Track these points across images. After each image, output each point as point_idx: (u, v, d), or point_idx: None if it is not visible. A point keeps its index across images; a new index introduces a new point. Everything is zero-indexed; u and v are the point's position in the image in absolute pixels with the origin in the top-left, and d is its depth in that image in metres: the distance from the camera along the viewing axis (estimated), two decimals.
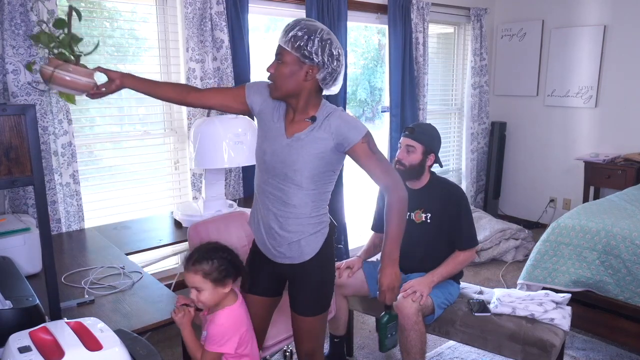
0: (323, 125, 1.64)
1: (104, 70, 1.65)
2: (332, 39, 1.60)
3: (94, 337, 1.12)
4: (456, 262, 2.33)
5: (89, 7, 2.79)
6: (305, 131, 1.65)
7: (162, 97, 1.79)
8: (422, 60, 4.16)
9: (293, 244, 1.72)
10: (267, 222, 1.73)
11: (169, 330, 2.92)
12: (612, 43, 4.24)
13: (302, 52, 1.56)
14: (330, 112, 1.67)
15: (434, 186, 2.38)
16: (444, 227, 2.34)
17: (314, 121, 1.65)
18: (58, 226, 2.62)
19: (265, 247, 1.78)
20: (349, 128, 1.64)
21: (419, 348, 2.17)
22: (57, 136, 2.54)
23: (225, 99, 1.77)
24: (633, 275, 2.50)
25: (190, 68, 2.92)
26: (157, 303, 1.80)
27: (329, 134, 1.63)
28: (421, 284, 2.23)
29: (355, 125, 1.65)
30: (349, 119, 1.67)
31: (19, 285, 1.43)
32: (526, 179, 5.04)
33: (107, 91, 1.66)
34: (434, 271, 2.30)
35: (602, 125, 4.41)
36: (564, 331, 2.19)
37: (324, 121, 1.65)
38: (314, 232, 1.73)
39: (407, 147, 2.32)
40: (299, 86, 1.62)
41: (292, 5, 3.40)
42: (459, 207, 2.32)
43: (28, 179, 1.32)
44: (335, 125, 1.63)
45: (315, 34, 1.56)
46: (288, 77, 1.60)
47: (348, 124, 1.64)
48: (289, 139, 1.66)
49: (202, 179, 2.88)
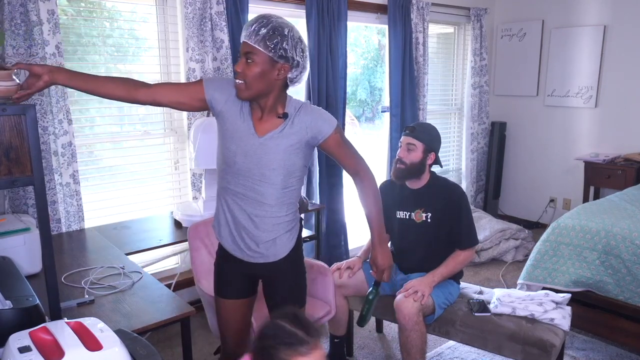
0: (295, 121, 1.62)
1: (25, 66, 1.42)
2: (301, 36, 1.57)
3: (94, 337, 1.12)
4: (457, 262, 2.33)
5: (89, 7, 2.79)
6: (277, 129, 1.61)
7: (105, 95, 1.58)
8: (422, 60, 4.16)
9: (268, 243, 1.70)
10: (238, 222, 1.69)
11: (169, 330, 2.92)
12: (612, 43, 4.24)
13: (276, 51, 1.51)
14: (300, 106, 1.64)
15: (434, 186, 2.38)
16: (444, 227, 2.34)
17: (286, 118, 1.61)
18: (58, 226, 2.62)
19: (237, 248, 1.73)
20: (323, 121, 1.63)
21: (420, 348, 2.17)
22: (57, 136, 2.54)
23: (180, 96, 1.63)
24: (633, 275, 2.49)
25: (190, 68, 2.92)
26: (157, 303, 1.80)
27: (302, 129, 1.62)
28: (422, 284, 2.23)
29: (328, 118, 1.65)
30: (320, 111, 1.67)
31: (19, 285, 1.43)
32: (526, 179, 5.04)
33: (32, 91, 1.41)
34: (434, 271, 2.30)
35: (602, 125, 4.41)
36: (564, 331, 2.19)
37: (296, 116, 1.62)
38: (288, 229, 1.73)
39: (407, 146, 2.32)
40: (270, 85, 1.57)
41: (292, 5, 3.40)
42: (459, 207, 2.32)
43: (28, 179, 1.32)
44: (308, 119, 1.62)
45: (287, 32, 1.52)
46: (260, 76, 1.53)
47: (321, 117, 1.64)
48: (261, 138, 1.62)
49: (202, 179, 2.88)
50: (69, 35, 2.69)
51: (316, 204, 3.42)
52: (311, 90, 3.43)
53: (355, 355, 2.76)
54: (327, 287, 2.28)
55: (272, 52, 1.51)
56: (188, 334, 1.79)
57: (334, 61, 3.50)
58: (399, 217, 2.42)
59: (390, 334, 2.98)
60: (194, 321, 2.99)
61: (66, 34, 2.66)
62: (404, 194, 2.42)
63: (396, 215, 2.43)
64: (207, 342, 2.85)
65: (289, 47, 1.52)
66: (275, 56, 1.52)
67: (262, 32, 1.50)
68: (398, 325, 2.20)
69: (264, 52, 1.51)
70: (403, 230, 2.42)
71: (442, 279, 2.30)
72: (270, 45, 1.50)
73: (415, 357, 2.18)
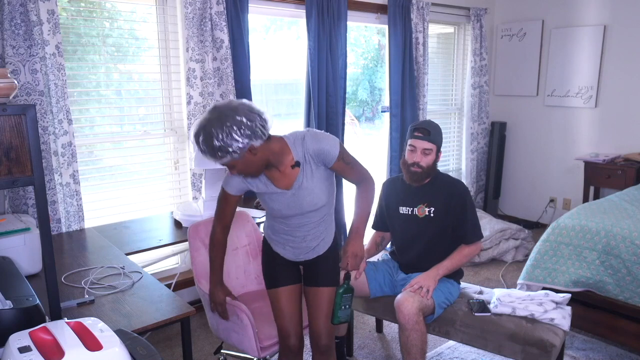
0: (307, 160, 1.77)
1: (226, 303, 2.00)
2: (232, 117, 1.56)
3: (94, 337, 1.12)
4: (462, 255, 2.33)
5: (88, 7, 2.79)
6: (299, 176, 1.78)
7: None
8: (422, 60, 4.16)
9: (320, 244, 1.97)
10: (296, 241, 1.94)
11: (168, 330, 2.92)
12: (612, 43, 4.24)
13: (234, 153, 1.58)
14: (301, 145, 1.75)
15: (437, 181, 2.38)
16: (448, 222, 2.34)
17: (299, 165, 1.76)
18: (58, 226, 2.62)
19: (294, 256, 1.99)
20: (325, 154, 1.75)
21: (420, 348, 2.17)
22: (57, 136, 2.54)
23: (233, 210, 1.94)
24: (633, 275, 2.49)
25: (190, 68, 2.92)
26: (157, 303, 1.80)
27: (315, 163, 1.78)
28: (427, 279, 2.24)
29: (328, 150, 1.75)
30: (320, 145, 1.75)
31: (19, 285, 1.43)
32: (526, 179, 5.04)
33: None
34: (439, 265, 2.30)
35: (602, 125, 4.41)
36: (564, 331, 2.19)
37: (305, 156, 1.76)
38: (330, 225, 2.01)
39: (424, 150, 2.30)
40: (262, 160, 1.69)
41: (292, 5, 3.40)
42: (463, 202, 2.33)
43: (28, 179, 1.32)
44: (315, 154, 1.75)
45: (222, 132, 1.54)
46: (249, 166, 1.67)
47: (322, 150, 1.75)
48: (291, 190, 1.81)
49: (202, 179, 2.87)
50: (69, 35, 2.69)
51: None
52: (311, 90, 3.43)
53: (355, 355, 2.76)
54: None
55: (231, 156, 1.59)
56: (188, 334, 1.79)
57: (334, 61, 3.50)
58: (402, 212, 2.42)
59: (390, 334, 2.98)
60: (194, 321, 3.01)
61: (66, 34, 2.66)
62: (408, 190, 2.42)
63: (399, 211, 2.43)
64: (207, 342, 2.85)
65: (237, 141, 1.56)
66: (236, 155, 1.59)
67: (211, 155, 1.59)
68: (398, 324, 2.20)
69: (230, 159, 1.61)
70: (405, 226, 2.42)
71: (447, 272, 2.30)
72: (223, 155, 1.58)
73: (415, 357, 2.17)
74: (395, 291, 2.46)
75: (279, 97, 4.19)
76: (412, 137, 2.32)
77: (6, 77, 1.35)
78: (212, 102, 3.00)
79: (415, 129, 2.32)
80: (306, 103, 3.51)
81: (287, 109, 4.21)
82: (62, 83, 2.51)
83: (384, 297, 2.48)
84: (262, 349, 2.06)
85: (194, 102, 2.98)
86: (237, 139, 1.55)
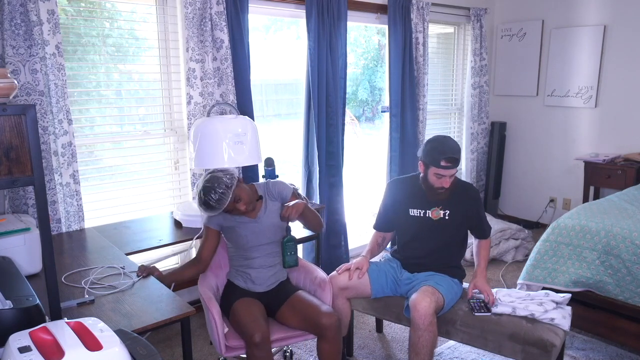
0: (268, 195, 2.34)
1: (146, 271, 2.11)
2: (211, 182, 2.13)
3: (94, 337, 1.12)
4: (487, 251, 2.52)
5: (88, 7, 2.79)
6: (263, 208, 2.31)
7: (188, 279, 2.36)
8: (422, 60, 4.16)
9: (278, 269, 2.37)
10: (259, 270, 2.31)
11: (168, 330, 2.92)
12: (612, 43, 4.24)
13: (231, 198, 2.13)
14: (263, 186, 2.37)
15: (451, 186, 2.38)
16: (463, 223, 2.42)
17: (262, 198, 2.32)
18: (58, 226, 2.62)
19: (260, 284, 2.31)
20: (281, 188, 2.35)
21: (429, 350, 2.17)
22: (57, 136, 2.54)
23: (213, 244, 2.32)
24: (633, 275, 2.49)
25: (190, 68, 2.92)
26: (157, 303, 1.80)
27: (270, 198, 2.33)
28: (485, 284, 2.38)
29: (283, 186, 2.35)
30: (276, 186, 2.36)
31: (19, 285, 1.43)
32: (526, 179, 5.04)
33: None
34: (479, 268, 2.44)
35: (602, 125, 4.41)
36: (564, 331, 2.19)
37: (266, 192, 2.35)
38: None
39: (451, 178, 2.30)
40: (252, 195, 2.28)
41: (292, 5, 3.40)
42: (477, 203, 2.45)
43: (28, 179, 1.32)
44: (275, 191, 2.34)
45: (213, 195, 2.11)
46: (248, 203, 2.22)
47: (281, 185, 2.36)
48: (258, 219, 2.28)
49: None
50: (69, 35, 2.69)
51: (316, 204, 3.42)
52: (311, 90, 3.43)
53: (355, 355, 2.76)
54: (324, 298, 2.31)
55: (230, 203, 2.14)
56: (188, 334, 1.79)
57: (334, 61, 3.50)
58: (412, 214, 2.43)
59: (390, 334, 2.98)
60: (194, 321, 3.01)
61: (66, 34, 2.66)
62: (420, 193, 2.42)
63: (409, 212, 2.43)
64: (207, 342, 2.85)
65: (219, 197, 2.10)
66: (232, 199, 2.15)
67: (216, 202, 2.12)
68: (411, 324, 2.19)
69: (227, 204, 2.14)
70: (416, 228, 2.42)
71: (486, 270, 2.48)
72: (225, 205, 2.13)
73: (423, 358, 2.17)
74: (397, 292, 2.46)
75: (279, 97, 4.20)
76: (440, 167, 2.24)
77: (6, 77, 1.35)
78: (212, 102, 3.01)
79: (444, 159, 2.23)
80: (306, 103, 3.51)
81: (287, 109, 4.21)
82: (62, 83, 2.51)
83: (384, 297, 2.48)
84: (228, 348, 2.10)
85: (194, 102, 2.98)
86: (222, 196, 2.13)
